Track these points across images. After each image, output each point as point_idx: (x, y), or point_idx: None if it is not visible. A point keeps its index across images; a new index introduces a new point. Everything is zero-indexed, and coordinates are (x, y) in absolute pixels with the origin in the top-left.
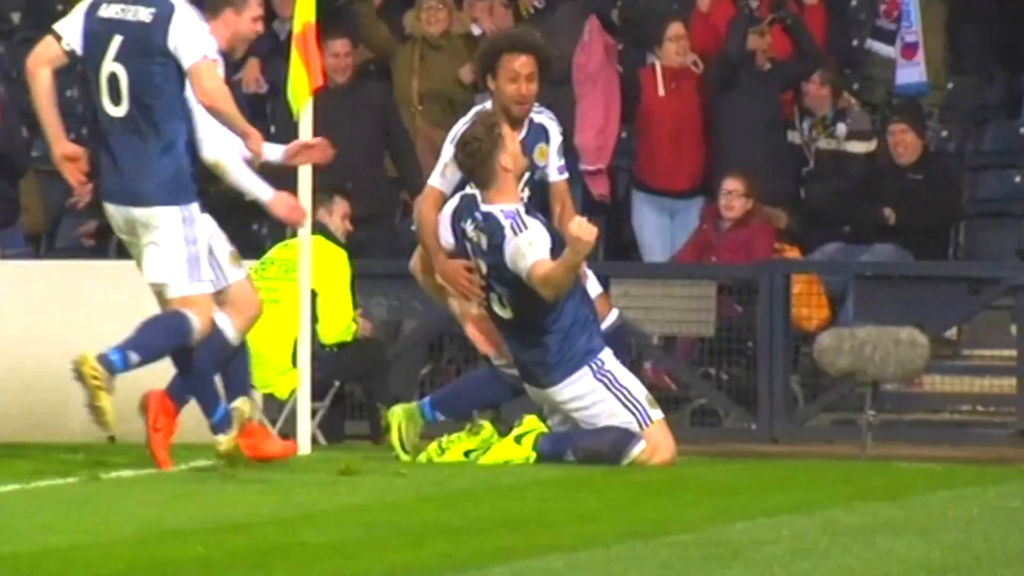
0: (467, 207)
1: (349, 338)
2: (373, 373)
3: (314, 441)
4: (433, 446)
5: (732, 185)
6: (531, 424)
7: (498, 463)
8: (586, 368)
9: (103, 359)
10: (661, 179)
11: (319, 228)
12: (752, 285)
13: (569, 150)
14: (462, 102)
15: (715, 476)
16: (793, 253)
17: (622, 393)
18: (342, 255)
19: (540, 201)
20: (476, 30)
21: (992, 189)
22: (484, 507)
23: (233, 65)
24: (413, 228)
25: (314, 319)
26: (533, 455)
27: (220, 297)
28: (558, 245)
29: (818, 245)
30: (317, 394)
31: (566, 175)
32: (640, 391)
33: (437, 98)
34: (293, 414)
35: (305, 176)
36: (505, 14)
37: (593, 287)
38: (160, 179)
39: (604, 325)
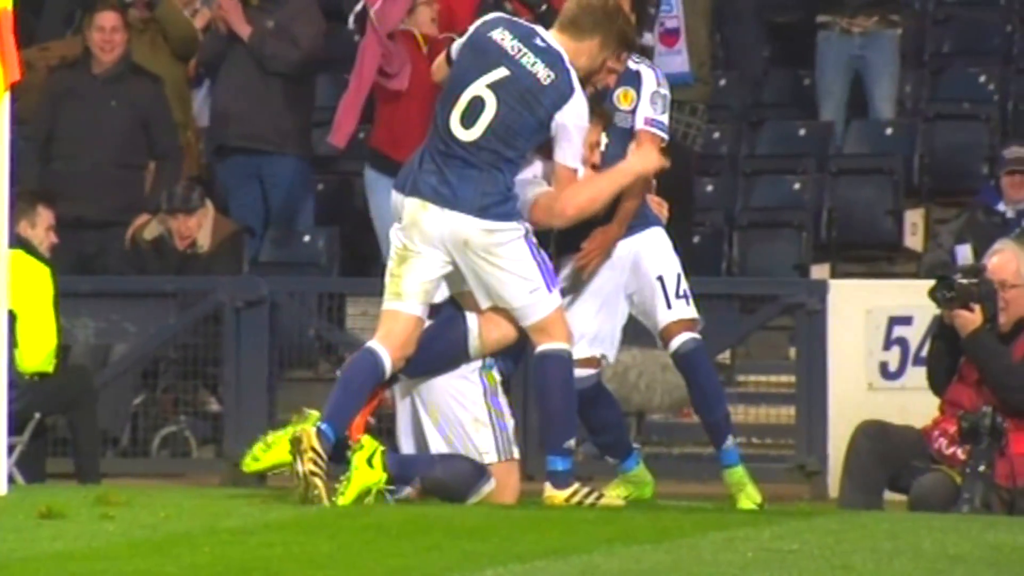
0: None
1: (51, 368)
2: (79, 404)
3: (11, 480)
4: (259, 444)
5: None
6: (372, 443)
7: (361, 493)
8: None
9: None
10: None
11: (20, 242)
12: None
13: None
14: (172, 84)
15: (462, 517)
16: None
17: (494, 414)
18: (45, 272)
19: (620, 150)
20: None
21: (768, 196)
22: (202, 554)
23: None
24: None
25: (12, 344)
26: (385, 476)
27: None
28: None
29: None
30: (15, 428)
31: (654, 129)
32: (510, 420)
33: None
34: None
35: (1, 181)
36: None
37: (671, 312)
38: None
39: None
